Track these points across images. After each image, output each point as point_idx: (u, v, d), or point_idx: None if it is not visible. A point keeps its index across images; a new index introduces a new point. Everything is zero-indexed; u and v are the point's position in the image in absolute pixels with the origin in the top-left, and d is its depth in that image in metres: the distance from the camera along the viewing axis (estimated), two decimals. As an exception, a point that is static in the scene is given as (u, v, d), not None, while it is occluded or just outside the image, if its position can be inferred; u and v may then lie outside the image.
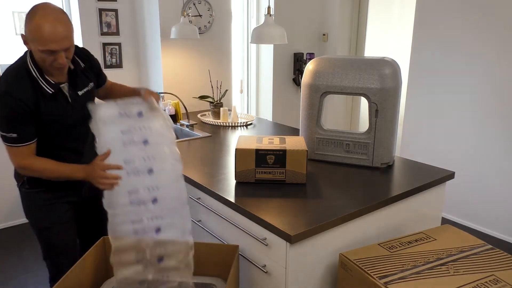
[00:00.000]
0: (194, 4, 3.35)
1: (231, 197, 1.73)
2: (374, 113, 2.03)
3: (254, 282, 1.67)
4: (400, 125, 3.66)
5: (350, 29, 4.47)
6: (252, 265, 1.65)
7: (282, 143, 1.91)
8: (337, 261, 1.62)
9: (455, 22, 3.28)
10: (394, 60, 2.07)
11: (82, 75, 1.75)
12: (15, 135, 1.57)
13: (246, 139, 1.99)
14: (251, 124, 3.08)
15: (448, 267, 1.47)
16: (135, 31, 3.56)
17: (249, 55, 4.44)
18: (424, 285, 1.37)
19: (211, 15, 3.45)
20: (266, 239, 1.56)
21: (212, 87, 3.49)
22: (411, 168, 2.12)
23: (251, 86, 4.53)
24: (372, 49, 4.43)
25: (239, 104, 4.54)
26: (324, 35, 4.47)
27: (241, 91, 4.52)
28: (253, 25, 4.29)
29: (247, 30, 4.33)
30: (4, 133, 1.58)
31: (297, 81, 4.44)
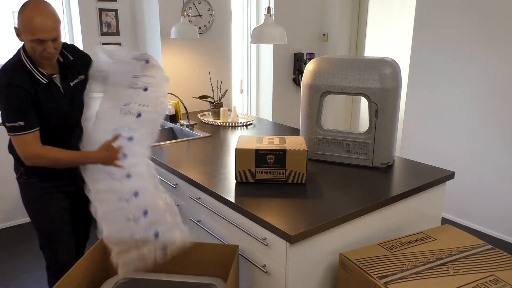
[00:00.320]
0: (194, 4, 3.35)
1: (231, 197, 1.73)
2: (374, 113, 2.03)
3: (254, 282, 1.67)
4: (400, 125, 3.65)
5: (350, 29, 4.47)
6: (252, 265, 1.65)
7: (282, 143, 1.91)
8: (337, 261, 1.62)
9: (455, 22, 3.28)
10: (394, 60, 2.07)
11: (72, 68, 1.88)
12: (22, 123, 1.66)
13: (246, 139, 1.99)
14: (251, 124, 3.08)
15: (448, 267, 1.47)
16: (135, 31, 3.56)
17: (249, 55, 4.44)
18: (424, 285, 1.37)
19: (211, 15, 3.45)
20: (266, 239, 1.56)
21: (212, 87, 3.49)
22: (411, 168, 2.12)
23: (251, 86, 4.53)
24: (372, 49, 4.43)
25: (239, 104, 4.54)
26: (324, 35, 4.47)
27: (241, 91, 4.52)
28: (253, 25, 4.29)
29: (247, 30, 4.33)
30: (12, 123, 1.66)
31: (297, 81, 4.44)
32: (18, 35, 1.69)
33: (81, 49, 2.00)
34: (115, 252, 1.60)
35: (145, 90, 1.81)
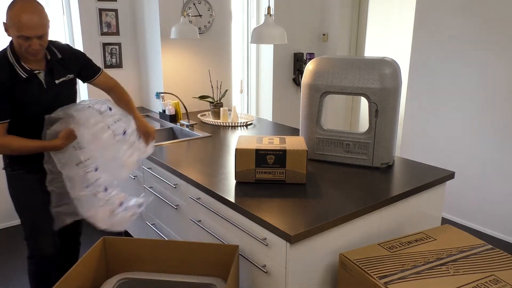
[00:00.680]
0: (194, 4, 3.34)
1: (231, 197, 1.73)
2: (374, 113, 2.03)
3: (254, 282, 1.67)
4: (400, 125, 3.65)
5: (350, 29, 4.47)
6: (252, 265, 1.65)
7: (282, 143, 1.91)
8: (337, 261, 1.62)
9: (455, 22, 3.28)
10: (394, 60, 2.07)
11: (59, 66, 1.94)
12: None
13: (246, 139, 1.99)
14: (251, 124, 3.08)
15: (448, 267, 1.47)
16: (135, 31, 3.56)
17: (249, 55, 4.44)
18: (424, 285, 1.37)
19: (211, 15, 3.45)
20: (266, 239, 1.56)
21: (212, 87, 3.49)
22: (411, 168, 2.12)
23: (251, 86, 4.53)
24: (372, 49, 4.43)
25: (239, 104, 4.54)
26: (324, 35, 4.47)
27: (241, 91, 4.52)
28: (253, 25, 4.29)
29: (247, 30, 4.33)
30: None
31: (297, 81, 4.44)
32: (6, 30, 1.76)
33: (76, 48, 2.06)
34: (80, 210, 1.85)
35: (124, 133, 2.00)
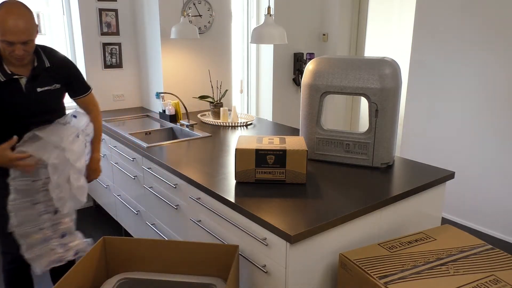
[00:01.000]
0: (194, 4, 3.34)
1: (231, 197, 1.73)
2: (374, 113, 2.03)
3: (254, 282, 1.67)
4: (400, 125, 3.66)
5: (350, 29, 4.47)
6: (252, 265, 1.65)
7: (282, 143, 1.91)
8: (337, 261, 1.62)
9: (455, 22, 3.28)
10: (394, 60, 2.07)
11: (46, 74, 1.89)
12: None
13: (246, 139, 1.99)
14: (251, 124, 3.08)
15: (448, 267, 1.47)
16: (135, 31, 3.56)
17: (249, 55, 4.44)
18: (424, 285, 1.37)
19: (211, 15, 3.45)
20: (266, 239, 1.56)
21: (212, 87, 3.49)
22: (411, 168, 2.12)
23: (251, 86, 4.53)
24: (372, 49, 4.43)
25: (239, 104, 4.54)
26: (324, 35, 4.47)
27: (241, 91, 4.52)
28: (253, 25, 4.29)
29: (247, 30, 4.33)
30: None
31: (297, 81, 4.44)
32: None
33: (71, 61, 2.02)
34: (23, 248, 1.80)
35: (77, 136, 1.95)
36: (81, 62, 3.45)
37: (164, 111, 3.22)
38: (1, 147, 1.73)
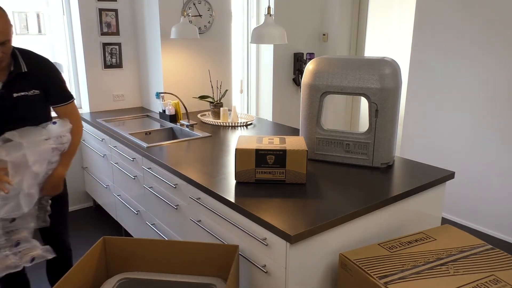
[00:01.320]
0: (194, 4, 3.34)
1: (231, 197, 1.73)
2: (374, 113, 2.03)
3: (254, 282, 1.67)
4: (400, 125, 3.66)
5: (350, 29, 4.47)
6: (252, 265, 1.65)
7: (282, 143, 1.91)
8: (337, 261, 1.62)
9: (455, 22, 3.28)
10: (394, 60, 2.07)
11: (23, 79, 1.79)
12: None
13: (246, 139, 1.99)
14: (251, 124, 3.08)
15: (448, 267, 1.47)
16: (135, 31, 3.56)
17: (249, 55, 4.44)
18: (424, 285, 1.37)
19: (211, 15, 3.45)
20: (266, 239, 1.56)
21: (212, 87, 3.50)
22: (411, 168, 2.12)
23: (251, 86, 4.53)
24: (372, 49, 4.43)
25: (239, 104, 4.54)
26: (324, 35, 4.47)
27: (241, 91, 4.52)
28: (253, 25, 4.29)
29: (247, 30, 4.33)
30: None
31: (297, 81, 4.44)
32: None
33: (54, 67, 1.90)
34: None
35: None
36: (81, 62, 3.45)
37: (164, 111, 3.23)
38: None
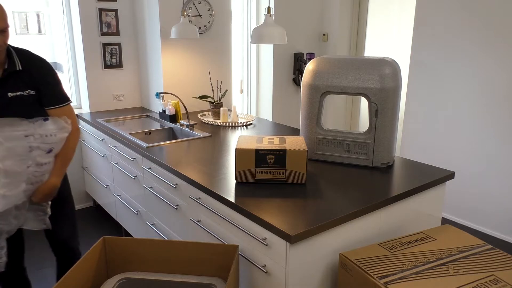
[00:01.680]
0: (194, 4, 3.35)
1: (231, 197, 1.73)
2: (374, 113, 2.03)
3: (254, 282, 1.67)
4: (400, 125, 3.66)
5: (350, 29, 4.47)
6: (252, 265, 1.65)
7: (282, 143, 1.91)
8: (337, 261, 1.62)
9: (455, 22, 3.28)
10: (394, 60, 2.07)
11: (18, 78, 1.73)
12: None
13: (246, 139, 1.99)
14: (251, 124, 3.08)
15: (448, 267, 1.47)
16: (135, 31, 3.56)
17: (249, 55, 4.44)
18: (424, 285, 1.37)
19: (211, 15, 3.45)
20: (266, 239, 1.56)
21: (212, 87, 3.50)
22: (411, 168, 2.12)
23: (251, 86, 4.53)
24: (372, 49, 4.44)
25: (239, 104, 4.54)
26: (324, 35, 4.47)
27: (241, 91, 4.52)
28: (253, 25, 4.29)
29: (247, 30, 4.33)
30: None
31: (297, 81, 4.44)
32: None
33: (50, 66, 1.83)
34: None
35: (49, 151, 1.80)
36: (81, 62, 3.45)
37: (164, 111, 3.23)
38: None
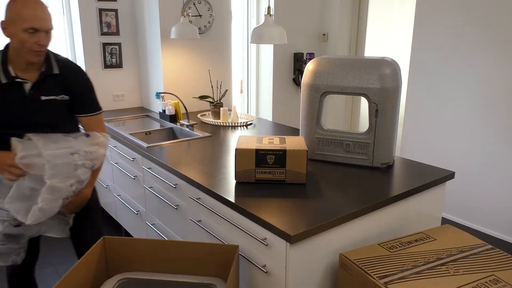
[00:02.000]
0: (194, 4, 3.34)
1: (231, 197, 1.73)
2: (374, 113, 2.03)
3: (254, 282, 1.67)
4: (400, 125, 3.66)
5: (350, 29, 4.47)
6: (252, 265, 1.65)
7: (282, 143, 1.91)
8: (337, 261, 1.62)
9: (455, 22, 3.28)
10: (394, 60, 2.07)
11: (53, 82, 1.72)
12: None
13: (246, 139, 1.99)
14: (251, 124, 3.08)
15: (448, 267, 1.47)
16: (135, 31, 3.56)
17: (249, 55, 4.44)
18: (424, 285, 1.37)
19: (211, 15, 3.45)
20: (266, 239, 1.56)
21: (212, 87, 3.50)
22: (411, 168, 2.12)
23: (251, 86, 4.53)
24: (372, 49, 4.43)
25: (239, 104, 4.54)
26: (324, 35, 4.47)
27: (241, 91, 4.52)
28: (253, 25, 4.29)
29: (247, 30, 4.33)
30: None
31: (297, 81, 4.44)
32: (5, 29, 1.59)
33: (86, 74, 1.83)
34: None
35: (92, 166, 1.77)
36: (81, 62, 3.45)
37: (164, 111, 3.23)
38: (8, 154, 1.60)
